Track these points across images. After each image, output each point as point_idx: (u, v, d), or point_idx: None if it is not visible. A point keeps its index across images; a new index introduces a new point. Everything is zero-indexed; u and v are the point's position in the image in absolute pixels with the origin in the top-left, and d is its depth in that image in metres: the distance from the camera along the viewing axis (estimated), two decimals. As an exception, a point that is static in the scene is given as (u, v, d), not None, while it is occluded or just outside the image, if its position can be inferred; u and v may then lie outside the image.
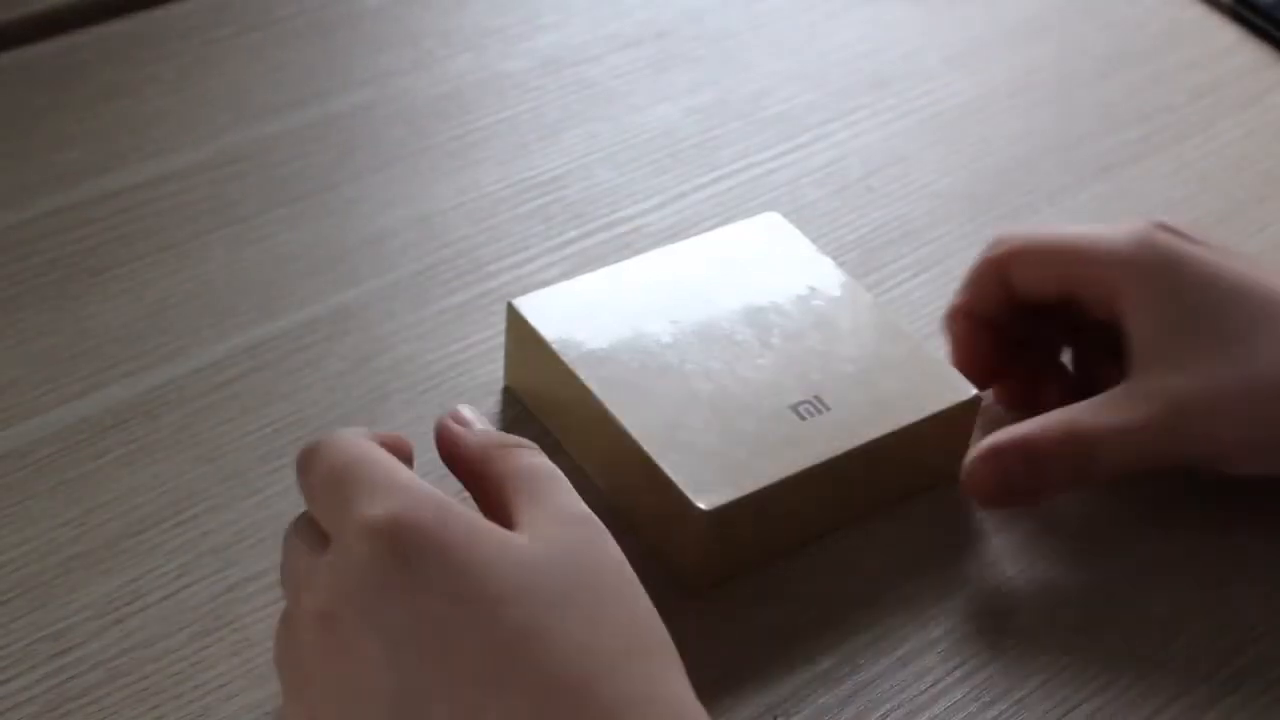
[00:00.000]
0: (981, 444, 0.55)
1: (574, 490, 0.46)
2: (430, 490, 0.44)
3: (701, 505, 0.51)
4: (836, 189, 0.69)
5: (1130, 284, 0.55)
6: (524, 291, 0.58)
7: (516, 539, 0.43)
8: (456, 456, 0.49)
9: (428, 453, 0.57)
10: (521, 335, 0.57)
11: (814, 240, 0.66)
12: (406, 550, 0.42)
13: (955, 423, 0.56)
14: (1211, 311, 0.54)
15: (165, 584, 0.52)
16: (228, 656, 0.50)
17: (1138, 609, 0.54)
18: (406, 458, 0.49)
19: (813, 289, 0.59)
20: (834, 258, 0.66)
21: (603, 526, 0.45)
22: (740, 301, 0.58)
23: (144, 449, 0.56)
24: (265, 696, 0.49)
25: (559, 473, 0.47)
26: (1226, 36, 0.80)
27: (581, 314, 0.57)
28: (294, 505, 0.55)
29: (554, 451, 0.52)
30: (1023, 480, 0.54)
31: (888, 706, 0.51)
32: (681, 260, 0.60)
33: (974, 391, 0.56)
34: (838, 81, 0.75)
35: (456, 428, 0.49)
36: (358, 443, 0.46)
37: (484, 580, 0.42)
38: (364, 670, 0.41)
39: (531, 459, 0.47)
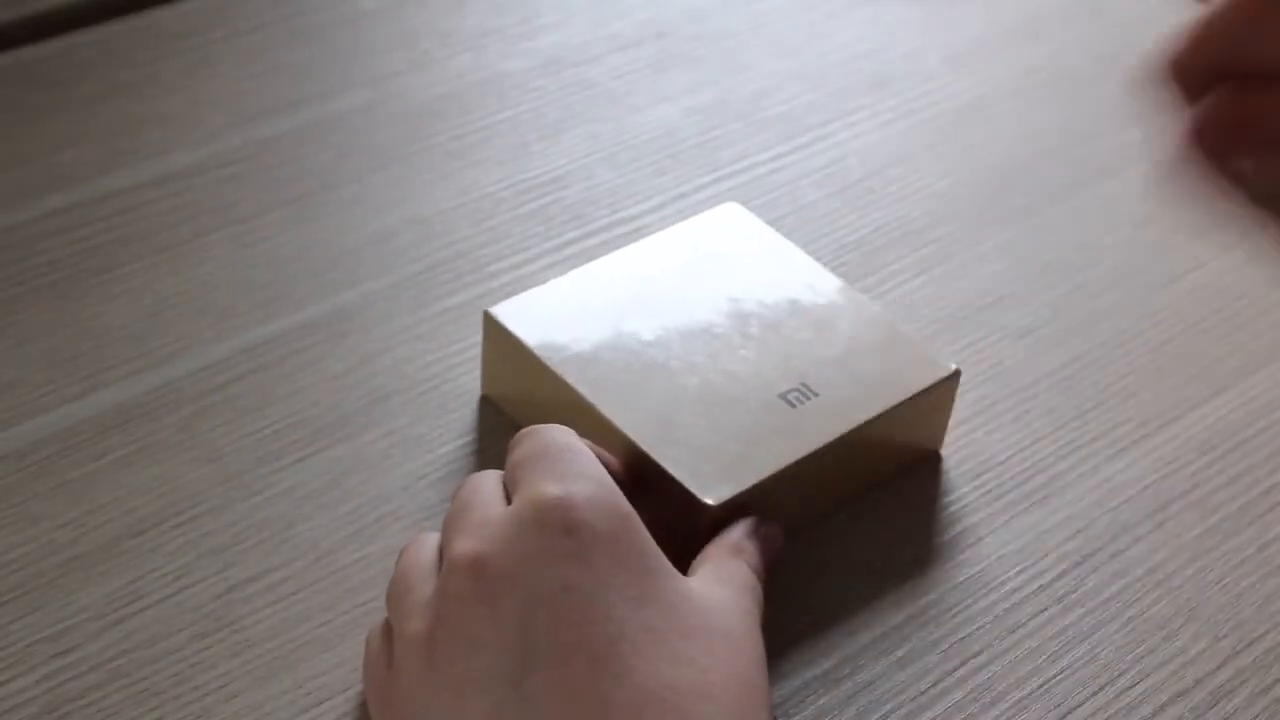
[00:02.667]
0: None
1: (758, 569, 0.49)
2: (623, 498, 0.46)
3: (708, 500, 0.51)
4: (836, 189, 0.69)
5: None
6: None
7: (686, 578, 0.47)
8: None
9: (426, 454, 0.57)
10: (501, 343, 0.57)
11: (814, 241, 0.66)
12: (577, 524, 0.44)
13: (938, 398, 0.57)
14: None
15: (165, 585, 0.52)
16: (228, 657, 0.50)
17: (1138, 609, 0.54)
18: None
19: (782, 276, 0.59)
20: (834, 259, 0.66)
21: (760, 598, 0.48)
22: (714, 294, 0.58)
23: (144, 450, 0.56)
24: (265, 697, 0.49)
25: (753, 548, 0.50)
26: (1226, 36, 0.80)
27: (560, 317, 0.56)
28: (294, 506, 0.55)
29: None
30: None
31: (888, 707, 0.51)
32: (650, 256, 0.59)
33: (953, 367, 0.56)
34: (838, 81, 0.75)
35: None
36: (571, 436, 0.49)
37: (638, 579, 0.44)
38: (497, 620, 0.43)
39: (735, 532, 0.51)
